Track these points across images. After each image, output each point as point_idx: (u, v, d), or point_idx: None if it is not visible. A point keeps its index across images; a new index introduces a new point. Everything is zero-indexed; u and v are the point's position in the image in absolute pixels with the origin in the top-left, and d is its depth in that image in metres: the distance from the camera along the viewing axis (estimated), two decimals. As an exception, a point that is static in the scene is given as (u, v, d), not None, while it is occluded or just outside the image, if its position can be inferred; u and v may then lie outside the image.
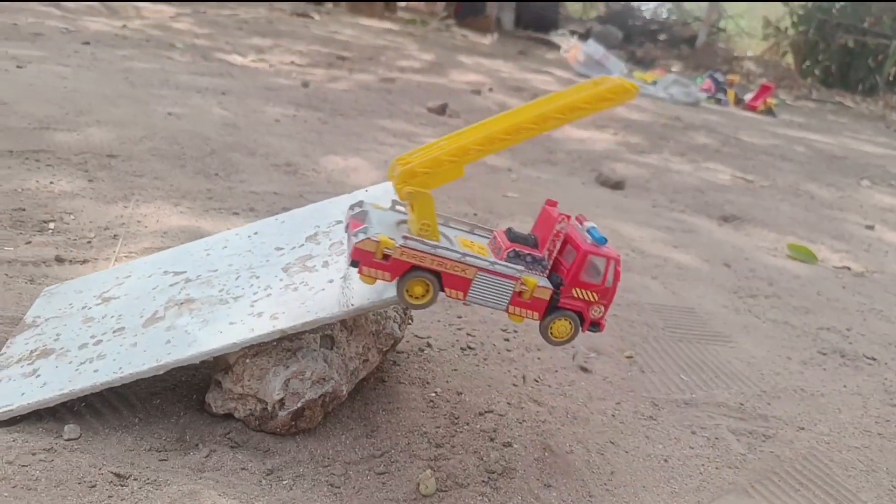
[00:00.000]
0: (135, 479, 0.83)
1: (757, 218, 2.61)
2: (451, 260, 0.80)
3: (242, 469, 0.88)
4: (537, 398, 1.13)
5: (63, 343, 0.96)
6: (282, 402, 0.93)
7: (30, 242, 1.42)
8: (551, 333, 0.86)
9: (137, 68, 3.22)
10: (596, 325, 0.88)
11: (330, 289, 0.93)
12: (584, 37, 7.27)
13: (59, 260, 1.36)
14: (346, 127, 2.87)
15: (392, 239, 0.79)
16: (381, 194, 1.10)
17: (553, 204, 0.89)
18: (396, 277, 0.81)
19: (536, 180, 2.59)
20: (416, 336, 1.25)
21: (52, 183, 1.75)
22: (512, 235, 0.87)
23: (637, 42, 8.49)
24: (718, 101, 5.79)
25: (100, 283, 1.09)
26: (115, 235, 1.52)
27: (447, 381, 1.14)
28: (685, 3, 9.84)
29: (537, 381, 1.18)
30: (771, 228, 2.51)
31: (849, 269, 2.18)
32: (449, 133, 0.86)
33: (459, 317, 1.37)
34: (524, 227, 1.97)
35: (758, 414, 1.21)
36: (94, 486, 0.81)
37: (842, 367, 1.46)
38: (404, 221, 0.87)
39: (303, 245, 1.05)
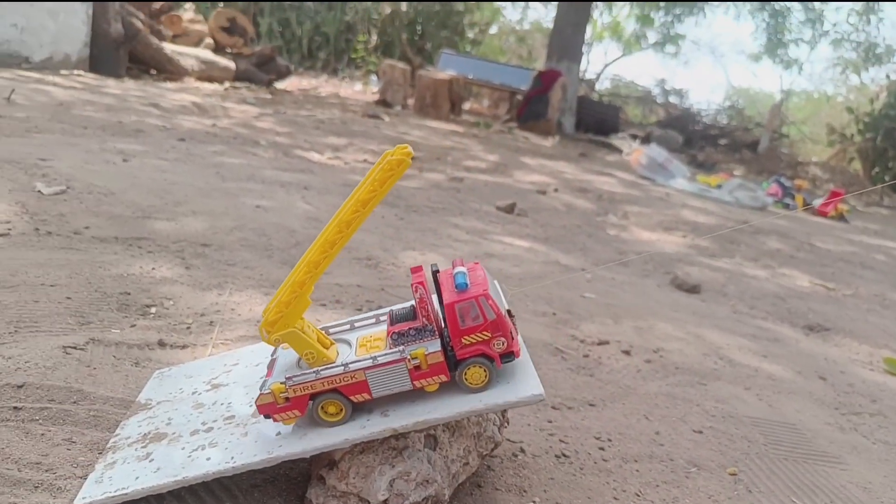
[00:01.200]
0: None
1: (845, 328, 2.50)
2: (336, 375, 0.87)
3: (344, 574, 0.85)
4: (641, 515, 1.07)
5: (175, 428, 0.98)
6: (385, 502, 0.91)
7: (134, 326, 1.49)
8: (469, 383, 0.90)
9: (227, 163, 3.45)
10: (509, 355, 0.90)
11: (439, 393, 0.92)
12: (645, 140, 7.41)
13: (162, 344, 1.41)
14: (420, 223, 2.96)
15: (282, 383, 0.88)
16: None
17: (416, 270, 0.91)
18: (305, 409, 0.89)
19: (611, 281, 2.57)
20: (509, 440, 1.22)
21: (153, 269, 1.84)
22: (393, 318, 0.92)
23: (697, 146, 8.59)
24: (786, 206, 5.71)
25: (209, 369, 1.12)
26: (210, 322, 1.57)
27: (545, 491, 1.09)
28: (746, 109, 9.98)
29: (638, 496, 1.12)
30: (861, 340, 2.39)
31: (955, 388, 2.03)
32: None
33: (550, 421, 1.33)
34: (602, 328, 1.94)
35: (884, 548, 1.10)
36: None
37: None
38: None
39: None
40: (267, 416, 0.89)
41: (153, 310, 1.59)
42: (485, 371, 0.89)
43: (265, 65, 8.02)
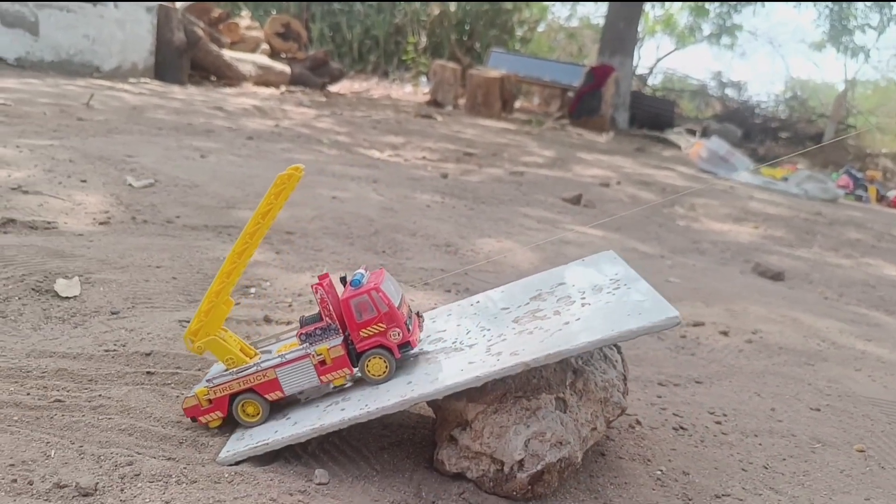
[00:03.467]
0: (385, 531, 0.82)
1: (944, 316, 2.37)
2: (251, 374, 0.95)
3: (487, 531, 0.85)
4: (773, 486, 1.03)
5: (309, 393, 1.00)
6: (521, 463, 0.90)
7: (239, 304, 1.53)
8: (371, 374, 0.96)
9: (296, 159, 3.52)
10: (406, 345, 0.95)
11: (567, 329, 0.92)
12: (704, 134, 7.23)
13: (267, 320, 1.44)
14: (490, 213, 2.95)
15: (205, 386, 0.95)
16: (597, 262, 1.12)
17: (323, 277, 0.97)
18: (227, 411, 0.96)
19: (692, 268, 2.51)
20: (625, 413, 1.20)
21: (247, 253, 1.89)
22: (301, 322, 0.98)
23: (757, 140, 8.33)
24: (859, 199, 5.48)
25: None
26: (310, 301, 1.60)
27: (669, 461, 1.07)
28: (809, 100, 9.63)
29: (766, 468, 1.09)
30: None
31: None
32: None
33: (659, 396, 1.31)
34: (694, 310, 1.90)
35: None
36: (349, 533, 0.80)
37: None
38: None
39: (528, 304, 1.05)
40: (193, 420, 0.97)
41: (252, 290, 1.63)
42: (384, 362, 0.95)
43: (319, 68, 8.17)
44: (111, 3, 6.09)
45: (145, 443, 0.93)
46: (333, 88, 8.57)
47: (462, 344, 0.98)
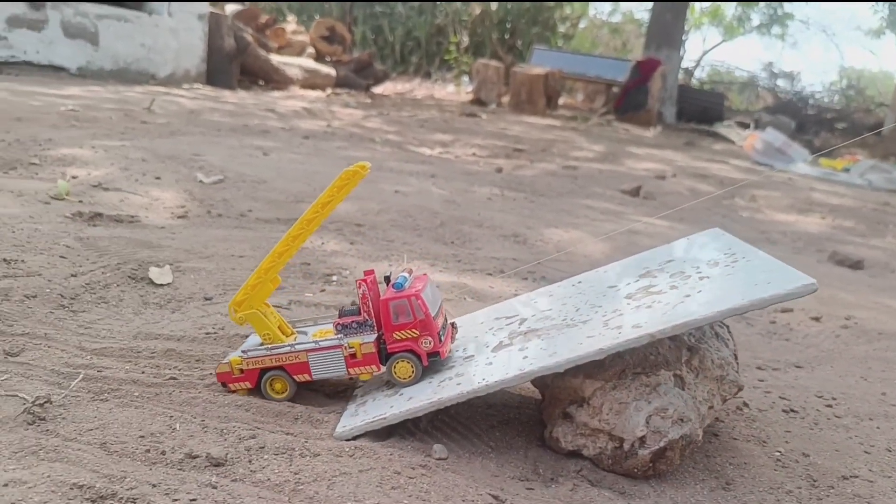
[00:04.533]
0: (511, 505, 0.81)
1: None
2: (284, 353, 0.98)
3: (613, 507, 0.83)
4: (902, 469, 0.99)
5: (416, 370, 1.00)
6: (643, 439, 0.88)
7: (324, 290, 1.54)
8: (397, 376, 0.97)
9: (353, 156, 3.55)
10: (435, 354, 0.96)
11: (689, 301, 0.89)
12: (758, 126, 7.03)
13: (354, 305, 1.45)
14: (552, 205, 2.92)
15: (240, 356, 0.99)
16: (704, 238, 1.09)
17: (368, 273, 0.99)
18: (255, 382, 0.99)
19: (767, 256, 2.44)
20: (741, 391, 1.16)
21: (322, 244, 1.91)
22: (341, 312, 1.01)
23: (811, 131, 8.07)
24: (927, 187, 5.24)
25: None
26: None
27: (786, 443, 1.03)
28: (867, 89, 9.28)
29: (890, 451, 1.04)
30: None
31: None
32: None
33: (761, 380, 1.26)
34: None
35: None
36: (476, 507, 0.79)
37: None
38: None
39: (638, 281, 1.03)
40: (223, 385, 1.01)
41: (334, 278, 1.65)
42: (412, 366, 0.96)
43: (363, 70, 8.25)
44: (165, 13, 6.27)
45: (262, 418, 0.94)
46: (377, 90, 8.65)
47: (574, 320, 0.97)
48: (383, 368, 0.98)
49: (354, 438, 0.90)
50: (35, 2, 5.16)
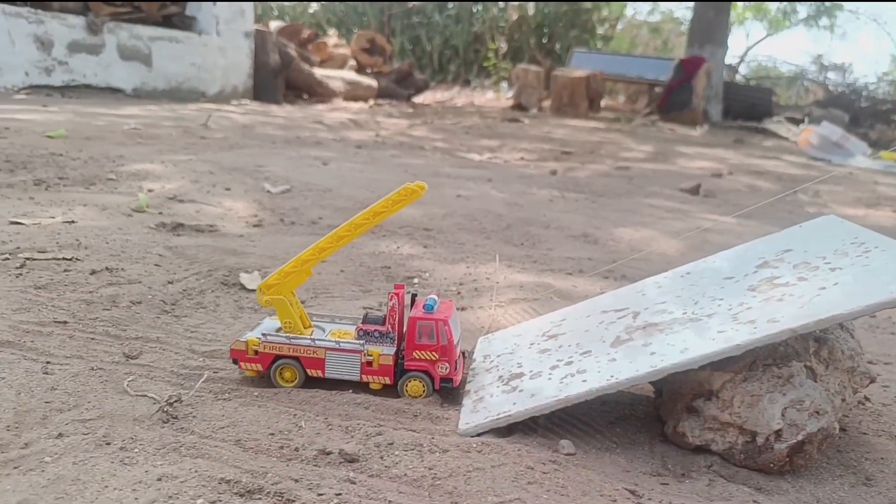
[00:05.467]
0: (649, 499, 0.79)
1: None
2: (304, 345, 1.00)
3: (754, 502, 0.80)
4: None
5: (531, 367, 0.99)
6: (779, 433, 0.85)
7: (409, 293, 1.54)
8: (407, 393, 0.99)
9: (408, 163, 3.58)
10: (448, 380, 0.98)
11: (827, 294, 0.86)
12: (812, 121, 6.84)
13: (379, 310, 1.45)
14: (614, 205, 2.89)
15: (259, 338, 1.00)
16: (820, 226, 1.05)
17: (398, 288, 1.02)
18: (267, 367, 1.00)
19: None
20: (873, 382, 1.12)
21: (398, 248, 1.92)
22: (365, 318, 1.03)
23: (866, 124, 7.80)
24: None
25: (534, 328, 1.13)
26: (475, 289, 1.60)
27: (919, 437, 0.98)
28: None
29: None
30: None
31: None
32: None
33: (878, 374, 1.21)
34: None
35: None
36: (614, 500, 0.78)
37: None
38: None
39: (756, 272, 1.00)
40: (234, 362, 1.02)
41: (415, 280, 1.65)
42: (423, 387, 0.99)
43: (404, 80, 8.32)
44: (214, 32, 6.45)
45: (382, 416, 0.94)
46: (418, 99, 8.71)
47: (696, 314, 0.94)
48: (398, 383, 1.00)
49: (478, 435, 0.89)
50: (93, 26, 5.36)
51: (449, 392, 1.02)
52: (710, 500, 0.80)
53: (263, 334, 1.02)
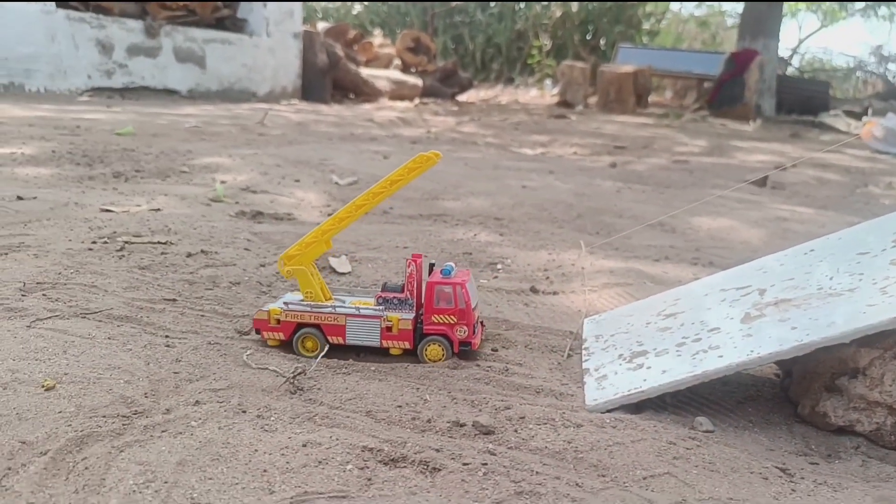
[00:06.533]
0: (801, 478, 0.75)
1: None
2: (325, 313, 1.01)
3: (916, 484, 0.76)
4: None
5: (654, 345, 0.96)
6: (936, 412, 0.80)
7: (496, 277, 1.53)
8: (427, 357, 1.00)
9: (466, 157, 3.57)
10: (467, 344, 0.99)
11: None
12: (877, 113, 6.59)
13: (534, 290, 1.43)
14: (682, 196, 2.82)
15: (281, 308, 1.01)
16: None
17: (416, 257, 1.02)
18: (289, 335, 1.01)
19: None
20: None
21: (475, 235, 1.91)
22: (385, 287, 1.04)
23: (931, 116, 7.47)
24: None
25: (647, 308, 1.10)
26: (563, 274, 1.57)
27: None
28: None
29: None
30: None
31: None
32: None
33: None
34: None
35: None
36: (766, 478, 0.74)
37: None
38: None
39: (895, 246, 0.95)
40: (257, 332, 1.03)
41: (499, 266, 1.63)
42: (443, 350, 0.99)
43: (448, 79, 8.33)
44: (264, 34, 6.56)
45: (505, 391, 0.92)
46: (462, 97, 8.70)
47: (834, 289, 0.90)
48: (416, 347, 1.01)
49: (608, 411, 0.87)
50: (150, 30, 5.51)
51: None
52: (866, 481, 0.76)
53: (285, 303, 1.03)
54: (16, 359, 0.86)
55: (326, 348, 1.00)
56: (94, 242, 1.46)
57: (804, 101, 7.74)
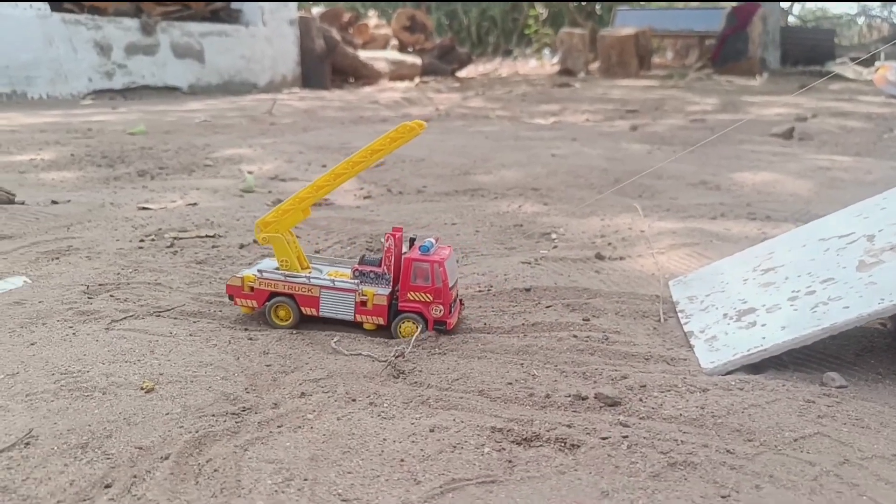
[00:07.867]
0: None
1: None
2: (299, 283, 0.98)
3: None
4: None
5: (761, 302, 0.92)
6: None
7: (556, 247, 1.48)
8: (401, 333, 0.97)
9: (485, 131, 3.50)
10: (441, 323, 0.95)
11: None
12: (890, 57, 6.47)
13: (600, 257, 1.38)
14: (714, 153, 2.76)
15: (255, 275, 0.99)
16: None
17: (396, 230, 0.98)
18: (262, 303, 0.99)
19: None
20: None
21: (520, 207, 1.86)
22: (361, 260, 1.00)
23: (940, 58, 7.34)
24: None
25: (740, 264, 1.06)
26: (623, 238, 1.53)
27: None
28: None
29: None
30: None
31: None
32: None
33: None
34: None
35: None
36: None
37: None
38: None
39: None
40: (230, 298, 1.00)
41: (553, 235, 1.58)
42: (416, 327, 0.95)
43: (446, 56, 8.20)
44: (260, 22, 6.44)
45: (613, 360, 0.88)
46: (462, 73, 8.59)
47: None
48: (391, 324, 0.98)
49: (728, 373, 0.83)
50: (147, 27, 5.41)
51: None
52: None
53: (259, 271, 1.00)
54: (105, 362, 0.82)
55: (420, 328, 0.96)
56: (142, 240, 1.41)
57: (809, 50, 7.61)
